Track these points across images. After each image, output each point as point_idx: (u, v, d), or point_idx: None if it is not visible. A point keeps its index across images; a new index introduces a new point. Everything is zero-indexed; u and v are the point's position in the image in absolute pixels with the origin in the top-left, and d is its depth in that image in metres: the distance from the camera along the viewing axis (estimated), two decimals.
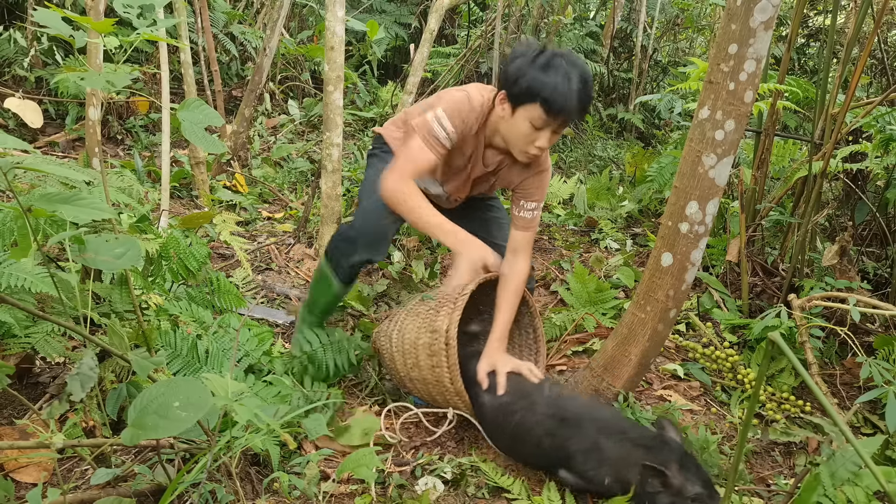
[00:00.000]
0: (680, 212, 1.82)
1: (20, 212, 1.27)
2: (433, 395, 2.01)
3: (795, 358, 0.97)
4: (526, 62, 1.80)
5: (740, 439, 1.27)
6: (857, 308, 2.03)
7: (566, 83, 1.77)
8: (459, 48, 6.18)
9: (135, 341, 1.73)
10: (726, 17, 1.70)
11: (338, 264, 2.11)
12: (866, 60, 2.57)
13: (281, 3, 4.23)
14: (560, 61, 1.80)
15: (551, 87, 1.77)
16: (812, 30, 5.93)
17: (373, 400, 2.20)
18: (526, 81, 1.79)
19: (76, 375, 1.39)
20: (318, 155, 4.56)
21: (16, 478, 1.62)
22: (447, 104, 1.91)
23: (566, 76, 1.78)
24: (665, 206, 1.99)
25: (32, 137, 3.97)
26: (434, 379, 1.94)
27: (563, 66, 1.79)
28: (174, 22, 1.61)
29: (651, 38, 6.15)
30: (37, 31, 4.10)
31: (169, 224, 2.54)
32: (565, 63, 1.79)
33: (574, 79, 1.78)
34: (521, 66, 1.81)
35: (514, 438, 1.84)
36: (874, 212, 2.89)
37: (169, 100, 2.90)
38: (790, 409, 2.28)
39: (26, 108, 1.85)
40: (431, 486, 1.83)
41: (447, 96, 1.95)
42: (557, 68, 1.78)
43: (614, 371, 1.99)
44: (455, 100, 1.92)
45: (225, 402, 1.26)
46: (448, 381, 1.91)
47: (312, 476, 1.73)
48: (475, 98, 1.92)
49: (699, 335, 2.73)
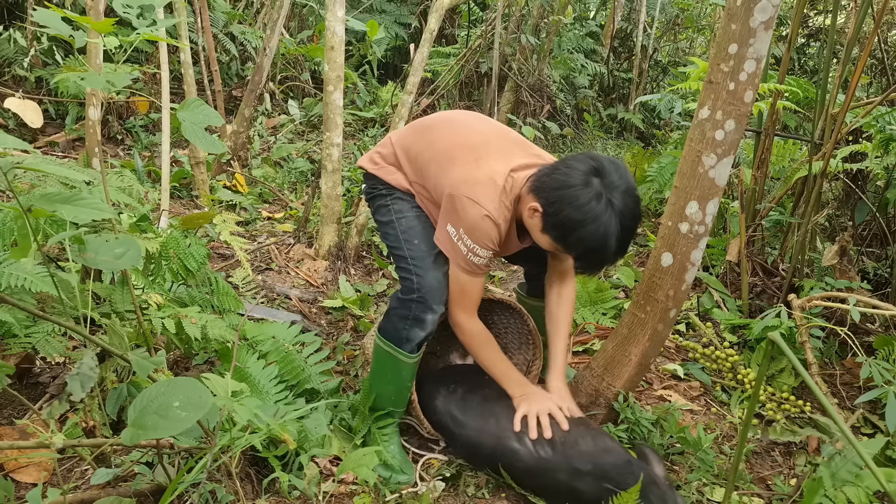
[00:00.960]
0: (680, 212, 1.82)
1: (20, 212, 1.27)
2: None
3: (795, 358, 0.97)
4: (572, 209, 1.59)
5: (740, 439, 1.28)
6: (857, 308, 2.03)
7: (603, 250, 1.61)
8: (459, 48, 6.18)
9: (135, 341, 1.73)
10: (726, 17, 1.70)
11: (406, 342, 1.87)
12: (866, 60, 2.57)
13: (281, 3, 4.23)
14: (609, 223, 1.58)
15: (587, 252, 1.63)
16: (812, 30, 5.93)
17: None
18: (566, 230, 1.62)
19: (76, 375, 1.38)
20: (318, 155, 4.56)
21: (16, 478, 1.62)
22: (473, 233, 1.72)
23: (606, 241, 1.59)
24: (665, 206, 1.98)
25: (32, 137, 3.97)
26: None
27: (610, 229, 1.58)
28: (174, 22, 1.61)
29: (651, 38, 6.15)
30: (37, 31, 4.10)
31: (169, 224, 2.54)
32: (613, 223, 1.58)
33: (612, 244, 1.60)
34: (565, 208, 1.60)
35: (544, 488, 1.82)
36: (874, 212, 2.89)
37: (169, 100, 2.90)
38: (790, 409, 2.28)
39: (26, 108, 1.85)
40: (431, 485, 1.83)
41: (468, 218, 1.72)
42: (602, 234, 1.58)
43: (614, 371, 1.99)
44: (479, 227, 1.72)
45: (225, 402, 1.26)
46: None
47: (312, 476, 1.73)
48: (495, 213, 1.72)
49: (699, 335, 2.73)
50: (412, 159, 1.90)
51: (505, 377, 1.90)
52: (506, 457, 1.81)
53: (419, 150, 1.88)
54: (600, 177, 1.61)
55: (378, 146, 2.04)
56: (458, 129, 1.87)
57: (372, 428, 1.94)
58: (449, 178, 1.76)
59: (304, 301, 2.82)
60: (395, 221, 1.93)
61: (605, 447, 1.73)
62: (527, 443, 1.78)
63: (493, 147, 1.82)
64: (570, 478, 1.70)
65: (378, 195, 1.99)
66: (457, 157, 1.78)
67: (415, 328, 1.85)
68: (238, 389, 1.40)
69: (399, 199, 1.95)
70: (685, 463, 1.96)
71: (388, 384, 1.91)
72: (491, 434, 1.84)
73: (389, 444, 1.91)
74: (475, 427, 1.87)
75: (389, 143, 1.98)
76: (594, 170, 1.61)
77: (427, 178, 1.86)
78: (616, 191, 1.59)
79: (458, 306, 1.85)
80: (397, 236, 1.91)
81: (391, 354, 1.88)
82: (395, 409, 1.94)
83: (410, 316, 1.85)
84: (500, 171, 1.74)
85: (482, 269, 1.80)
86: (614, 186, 1.60)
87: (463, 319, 1.86)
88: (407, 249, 1.89)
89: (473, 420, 1.88)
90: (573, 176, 1.61)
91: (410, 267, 1.86)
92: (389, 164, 1.97)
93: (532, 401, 1.85)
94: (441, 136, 1.86)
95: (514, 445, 1.79)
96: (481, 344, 1.89)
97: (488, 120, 1.97)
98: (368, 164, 2.01)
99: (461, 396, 1.96)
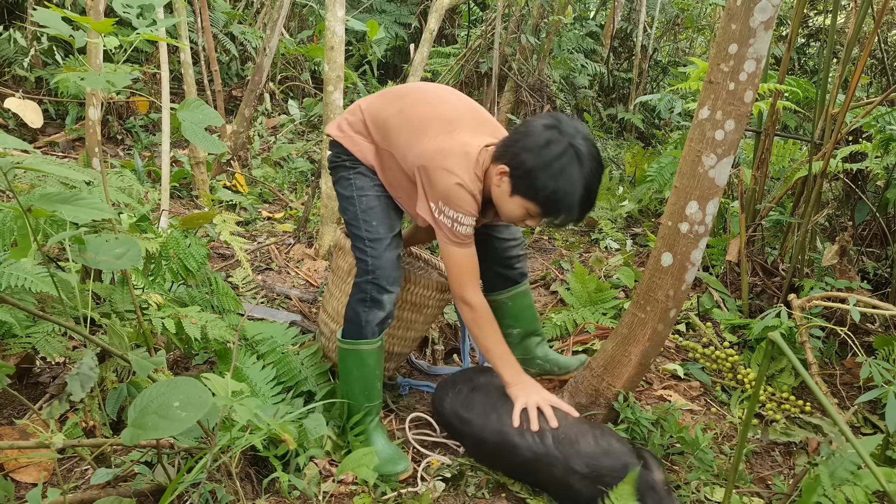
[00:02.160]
0: (680, 212, 1.82)
1: (20, 212, 1.27)
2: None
3: (795, 358, 0.97)
4: (534, 155, 1.65)
5: (740, 439, 1.28)
6: (857, 308, 2.03)
7: (569, 194, 1.65)
8: (459, 48, 6.18)
9: (135, 341, 1.73)
10: (726, 17, 1.70)
11: (366, 324, 1.91)
12: (866, 60, 2.57)
13: (281, 3, 4.23)
14: (572, 166, 1.64)
15: (553, 195, 1.66)
16: (812, 30, 5.93)
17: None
18: (531, 178, 1.66)
19: (76, 375, 1.39)
20: (318, 155, 4.56)
21: (16, 478, 1.62)
22: (452, 202, 1.75)
23: (571, 184, 1.64)
24: (665, 206, 1.98)
25: (32, 137, 3.97)
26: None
27: (574, 172, 1.64)
28: (174, 22, 1.61)
29: (651, 38, 6.15)
30: (37, 31, 4.10)
31: (169, 224, 2.54)
32: (577, 167, 1.65)
33: (578, 188, 1.65)
34: (528, 156, 1.66)
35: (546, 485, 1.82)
36: (874, 212, 2.89)
37: (169, 100, 2.90)
38: (790, 409, 2.28)
39: (26, 108, 1.85)
40: (431, 485, 1.83)
41: (443, 189, 1.75)
42: (567, 175, 1.64)
43: (614, 371, 1.99)
44: (455, 196, 1.75)
45: (225, 401, 1.26)
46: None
47: (312, 476, 1.73)
48: (469, 184, 1.75)
49: (699, 335, 2.73)
50: (380, 124, 1.90)
51: (501, 361, 1.90)
52: (507, 451, 1.81)
53: (388, 115, 1.88)
54: (558, 126, 1.68)
55: (346, 113, 2.02)
56: (432, 101, 1.89)
57: (350, 437, 1.95)
58: (421, 148, 1.79)
59: (304, 301, 2.82)
60: (356, 198, 1.94)
61: (606, 449, 1.72)
62: (526, 437, 1.78)
63: (465, 123, 1.85)
64: (566, 475, 1.71)
65: (341, 166, 1.98)
66: (429, 129, 1.80)
67: (374, 309, 1.90)
68: (238, 389, 1.40)
69: (362, 175, 1.95)
70: (685, 463, 1.96)
71: (355, 382, 1.94)
72: (493, 430, 1.84)
73: (374, 444, 1.92)
74: (478, 424, 1.88)
75: (358, 109, 1.97)
76: (551, 122, 1.69)
77: (396, 146, 1.86)
78: (576, 137, 1.67)
79: (459, 282, 1.85)
80: (356, 214, 1.93)
81: (353, 350, 1.92)
82: (369, 403, 1.96)
83: (367, 298, 1.90)
84: (473, 144, 1.79)
85: (470, 238, 1.82)
86: (574, 133, 1.67)
87: (468, 294, 1.85)
88: (365, 230, 1.92)
89: (476, 417, 1.89)
90: (532, 129, 1.69)
91: (367, 249, 1.90)
92: (357, 132, 1.96)
93: (529, 391, 1.86)
94: (413, 105, 1.87)
95: (515, 440, 1.80)
96: (486, 321, 1.88)
97: (459, 95, 1.99)
98: (335, 130, 2.00)
99: (465, 395, 1.97)
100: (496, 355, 1.90)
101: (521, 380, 1.89)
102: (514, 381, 1.89)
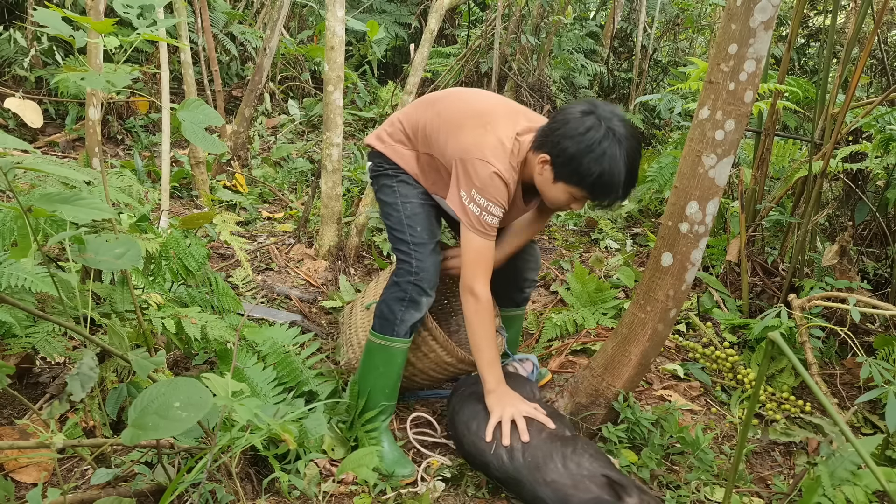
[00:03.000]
0: (680, 212, 1.82)
1: (20, 212, 1.27)
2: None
3: (795, 358, 0.97)
4: (576, 142, 1.68)
5: (740, 439, 1.28)
6: (857, 308, 2.03)
7: (614, 175, 1.68)
8: (459, 48, 6.18)
9: (135, 341, 1.73)
10: (726, 17, 1.70)
11: (401, 323, 1.94)
12: (866, 60, 2.57)
13: (281, 3, 4.23)
14: (613, 148, 1.67)
15: (599, 178, 1.68)
16: (812, 30, 5.93)
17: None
18: (575, 164, 1.69)
19: (76, 375, 1.38)
20: (318, 155, 4.56)
21: (16, 478, 1.62)
22: (486, 191, 1.78)
23: (615, 165, 1.67)
24: (665, 206, 1.98)
25: (32, 137, 3.97)
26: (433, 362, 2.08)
27: (616, 153, 1.67)
28: (174, 22, 1.61)
29: (651, 38, 6.15)
30: (37, 31, 4.10)
31: (169, 224, 2.54)
32: (617, 149, 1.68)
33: (622, 168, 1.68)
34: (570, 143, 1.69)
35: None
36: (874, 212, 2.89)
37: (169, 100, 2.90)
38: (790, 409, 2.28)
39: (26, 108, 1.85)
40: (431, 485, 1.83)
41: (479, 178, 1.78)
42: (609, 157, 1.67)
43: (614, 371, 1.99)
44: (490, 184, 1.78)
45: (225, 401, 1.26)
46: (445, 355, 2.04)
47: (312, 476, 1.73)
48: (505, 173, 1.79)
49: (699, 335, 2.73)
50: (420, 130, 1.95)
51: (489, 365, 1.89)
52: (482, 467, 1.80)
53: (427, 120, 1.93)
54: (594, 111, 1.71)
55: (384, 125, 2.09)
56: (465, 98, 1.95)
57: (360, 433, 1.95)
58: (459, 143, 1.83)
59: (304, 301, 2.82)
60: (400, 205, 1.99)
61: (574, 476, 1.62)
62: (498, 454, 1.74)
63: (499, 113, 1.89)
64: (535, 500, 1.66)
65: (384, 174, 2.03)
66: (465, 124, 1.85)
67: (410, 310, 1.92)
68: (238, 389, 1.40)
69: (405, 183, 2.00)
70: (685, 463, 1.96)
71: (379, 378, 1.96)
72: (470, 442, 1.83)
73: (381, 444, 1.93)
74: (461, 432, 1.87)
75: (396, 120, 2.03)
76: (588, 107, 1.73)
77: (436, 146, 1.91)
78: (613, 119, 1.70)
79: (472, 272, 1.86)
80: (400, 219, 1.98)
81: (384, 346, 1.94)
82: (387, 402, 1.98)
83: (406, 298, 1.92)
84: (508, 135, 1.83)
85: (494, 230, 1.85)
86: (610, 116, 1.70)
87: (478, 286, 1.86)
88: (409, 235, 1.96)
89: (460, 425, 1.89)
90: (570, 116, 1.73)
91: (411, 252, 1.94)
92: (397, 141, 2.02)
93: (506, 403, 1.84)
94: (448, 105, 1.93)
95: (487, 458, 1.76)
96: (487, 316, 1.88)
97: (489, 92, 2.05)
98: (375, 141, 2.06)
99: (461, 399, 1.97)
100: (485, 358, 1.90)
101: (500, 389, 1.88)
102: (493, 389, 1.88)
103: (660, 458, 1.94)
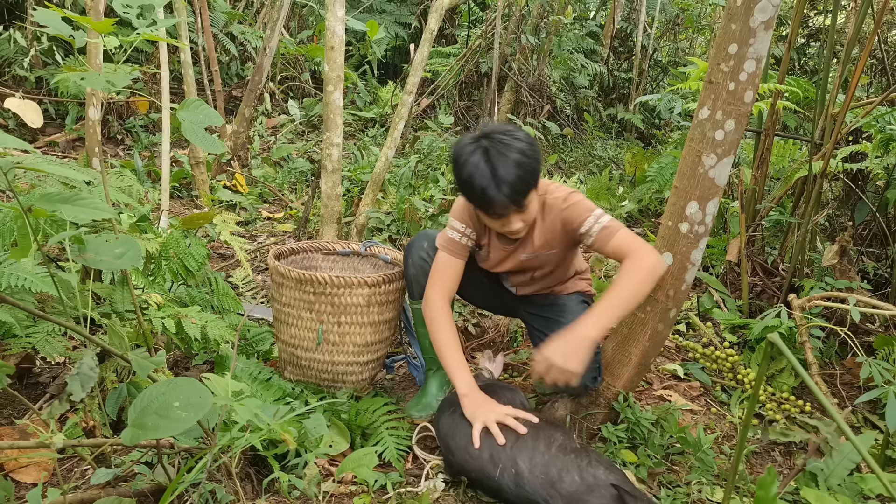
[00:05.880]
0: (680, 212, 1.82)
1: (20, 212, 1.27)
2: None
3: (795, 358, 0.97)
4: (454, 157, 1.76)
5: (740, 439, 1.28)
6: (857, 308, 2.03)
7: (474, 173, 1.68)
8: (459, 48, 6.18)
9: (135, 341, 1.73)
10: (726, 17, 1.70)
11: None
12: (866, 60, 2.57)
13: (281, 3, 4.23)
14: (475, 155, 1.69)
15: (462, 182, 1.73)
16: (812, 30, 5.93)
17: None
18: (456, 177, 1.78)
19: (76, 375, 1.38)
20: (318, 155, 4.56)
21: (16, 478, 1.62)
22: (454, 212, 1.96)
23: (474, 163, 1.68)
24: (665, 206, 1.98)
25: (32, 137, 3.97)
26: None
27: (476, 152, 1.69)
28: (174, 22, 1.61)
29: (651, 38, 6.15)
30: (37, 31, 4.10)
31: (169, 224, 2.54)
32: (479, 148, 1.69)
33: (478, 164, 1.68)
34: (453, 159, 1.77)
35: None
36: (874, 212, 2.89)
37: (169, 100, 2.90)
38: (790, 409, 2.28)
39: (26, 108, 1.85)
40: (431, 485, 1.83)
41: (455, 203, 1.98)
42: (470, 164, 1.69)
43: (614, 371, 1.99)
44: (457, 205, 1.96)
45: (225, 401, 1.26)
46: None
47: (312, 476, 1.73)
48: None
49: (699, 335, 2.73)
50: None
51: (456, 370, 1.89)
52: (490, 492, 1.75)
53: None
54: (484, 132, 1.75)
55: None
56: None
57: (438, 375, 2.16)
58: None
59: None
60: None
61: (589, 485, 1.60)
62: (505, 477, 1.69)
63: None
64: None
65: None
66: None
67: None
68: (238, 389, 1.40)
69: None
70: (685, 463, 1.96)
71: (424, 336, 2.14)
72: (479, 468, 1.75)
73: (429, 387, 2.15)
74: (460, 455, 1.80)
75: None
76: (479, 133, 1.76)
77: None
78: (491, 135, 1.72)
79: (430, 281, 1.98)
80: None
81: (419, 310, 2.08)
82: (431, 356, 2.15)
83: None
84: None
85: (456, 247, 1.94)
86: (489, 132, 1.73)
87: (429, 293, 1.97)
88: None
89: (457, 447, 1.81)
90: (461, 147, 1.76)
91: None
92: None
93: (485, 409, 1.81)
94: None
95: (493, 484, 1.71)
96: (438, 323, 1.94)
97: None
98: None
99: (452, 420, 1.87)
100: (449, 363, 1.91)
101: (473, 394, 1.86)
102: (465, 393, 1.86)
103: (659, 458, 1.94)
